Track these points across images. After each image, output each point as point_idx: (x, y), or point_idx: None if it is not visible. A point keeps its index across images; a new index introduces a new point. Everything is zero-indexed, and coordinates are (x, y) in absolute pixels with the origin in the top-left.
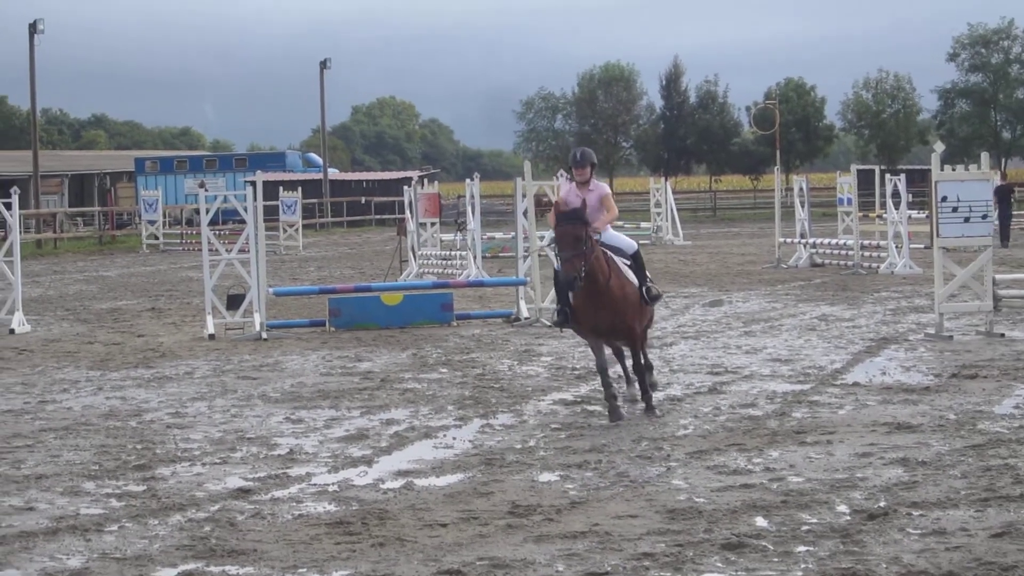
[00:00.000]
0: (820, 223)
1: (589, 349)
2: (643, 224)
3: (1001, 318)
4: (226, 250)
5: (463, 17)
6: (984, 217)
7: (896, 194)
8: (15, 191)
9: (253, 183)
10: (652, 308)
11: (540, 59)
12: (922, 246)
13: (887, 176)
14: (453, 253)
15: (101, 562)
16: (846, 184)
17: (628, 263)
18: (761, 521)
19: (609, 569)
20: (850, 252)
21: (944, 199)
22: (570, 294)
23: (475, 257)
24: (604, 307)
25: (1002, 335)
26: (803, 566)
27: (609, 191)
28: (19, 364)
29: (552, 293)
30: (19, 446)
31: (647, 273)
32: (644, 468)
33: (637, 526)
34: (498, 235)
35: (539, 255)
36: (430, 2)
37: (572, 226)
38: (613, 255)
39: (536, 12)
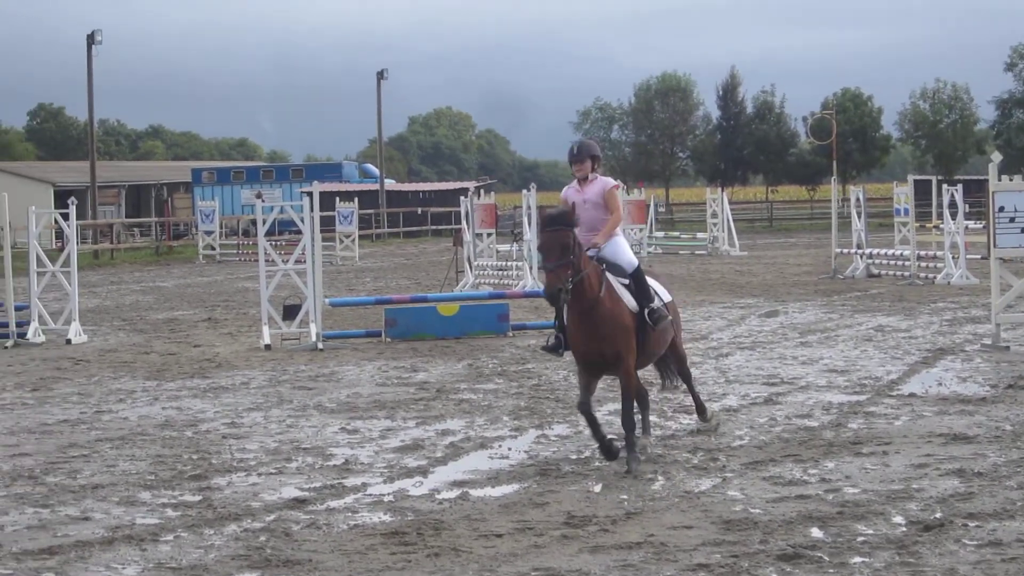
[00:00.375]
0: (877, 234)
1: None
2: (699, 234)
3: None
4: (283, 261)
5: (521, 28)
6: None
7: (953, 204)
8: (72, 201)
9: (310, 194)
10: (680, 347)
11: (595, 69)
12: (979, 256)
13: (944, 186)
14: (509, 264)
15: (157, 572)
16: (903, 195)
17: (626, 282)
18: (817, 532)
19: None
20: (906, 263)
21: (1001, 209)
22: (565, 316)
23: (531, 268)
24: (590, 331)
25: None
26: None
27: (615, 184)
28: (76, 374)
29: None
30: (75, 456)
31: (654, 292)
32: (699, 479)
33: (692, 537)
34: None
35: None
36: (486, 14)
37: (557, 232)
38: (610, 273)
39: (592, 23)
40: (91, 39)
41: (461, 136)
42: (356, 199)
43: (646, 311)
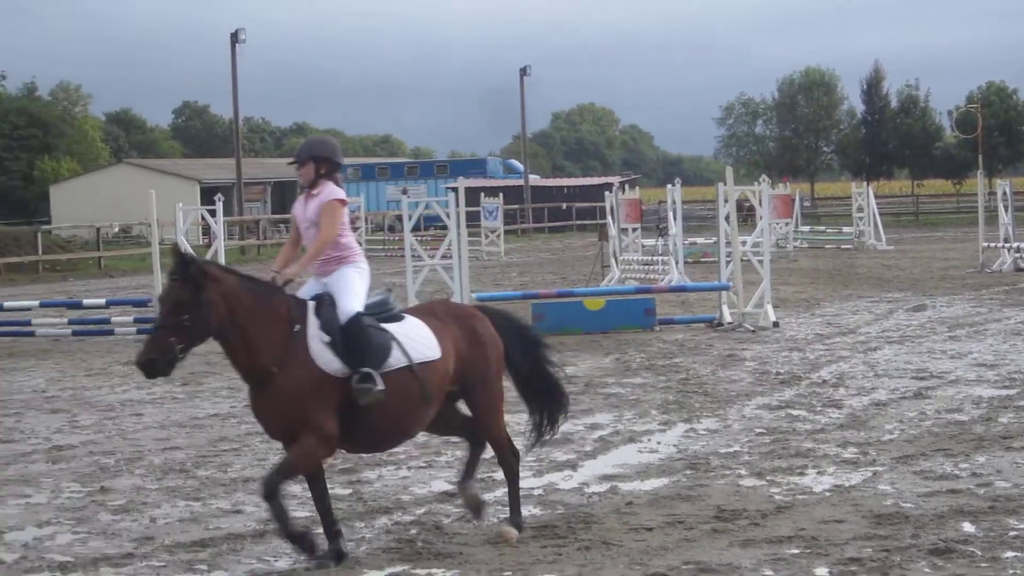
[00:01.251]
0: None
1: None
2: (845, 229)
3: None
4: (429, 256)
5: (661, 23)
6: None
7: None
8: (220, 198)
9: (455, 189)
10: (495, 428)
11: (737, 64)
12: None
13: None
14: (655, 258)
15: (307, 564)
16: None
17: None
18: (968, 527)
19: (817, 574)
20: None
21: None
22: None
23: (677, 262)
24: (263, 404)
25: None
26: (1012, 572)
27: (338, 196)
28: (225, 369)
29: (756, 297)
30: (226, 449)
31: (394, 349)
32: (850, 473)
33: (844, 531)
34: (699, 240)
35: (741, 260)
36: (628, 9)
37: (174, 283)
38: (316, 322)
39: (734, 17)
40: (235, 37)
41: (604, 131)
42: (501, 195)
43: (354, 377)
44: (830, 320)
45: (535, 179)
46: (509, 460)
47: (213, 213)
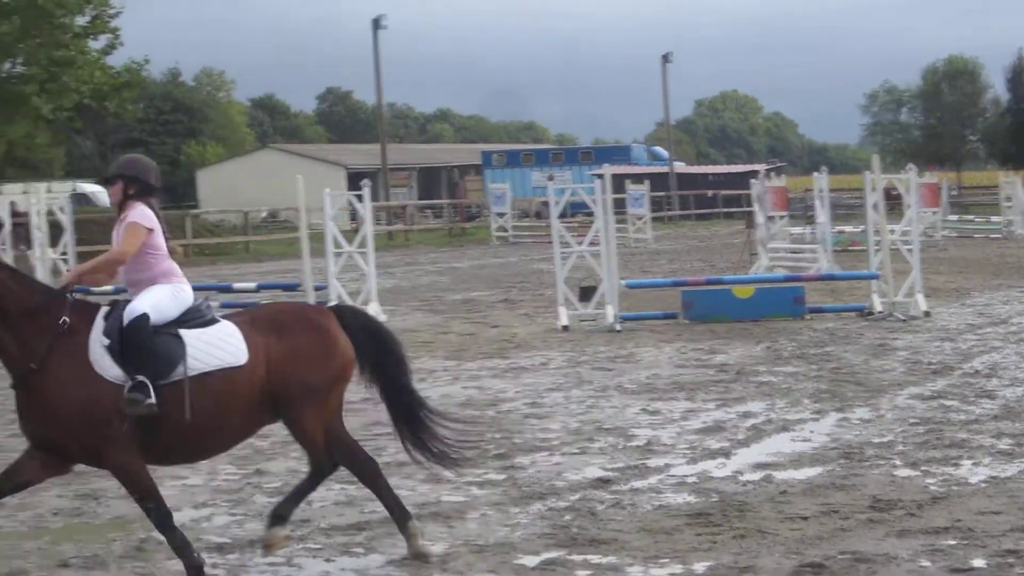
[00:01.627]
0: None
1: None
2: (993, 218)
3: None
4: (576, 242)
5: (803, 9)
6: None
7: None
8: (366, 183)
9: (601, 176)
10: (329, 436)
11: (879, 51)
12: None
13: None
14: (803, 247)
15: (464, 548)
16: None
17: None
18: None
19: (974, 566)
20: None
21: None
22: None
23: (826, 251)
24: (21, 400)
25: None
26: None
27: (138, 220)
28: None
29: (906, 286)
30: (379, 434)
31: (165, 358)
32: (1005, 464)
33: (1001, 523)
34: (847, 228)
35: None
36: None
37: None
38: (102, 325)
39: (875, 6)
40: (376, 23)
41: (747, 119)
42: (646, 181)
43: (127, 386)
44: (981, 310)
45: (680, 166)
46: (323, 469)
47: (360, 198)
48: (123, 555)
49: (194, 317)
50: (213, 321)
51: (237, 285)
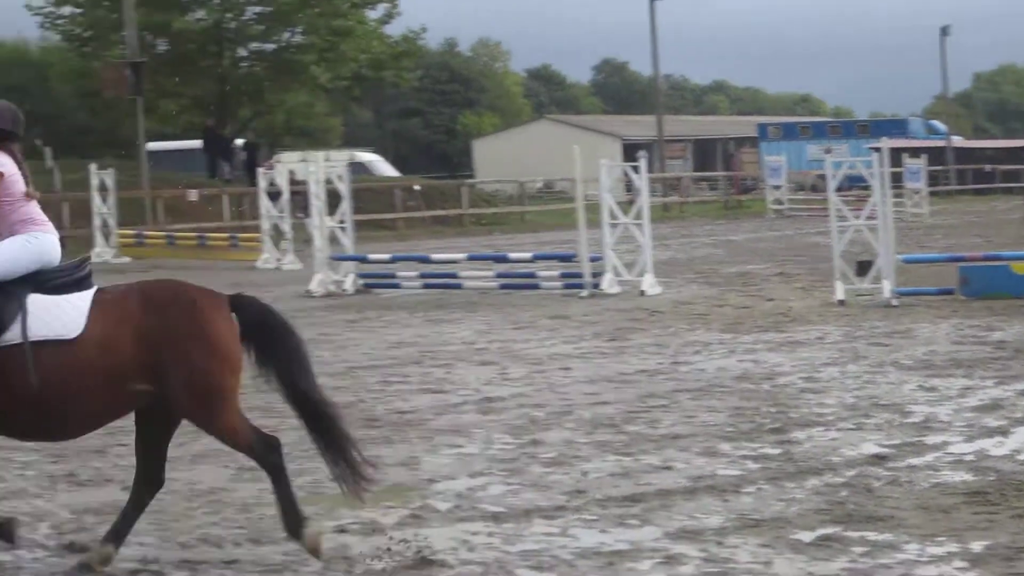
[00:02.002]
0: None
1: None
2: None
3: None
4: (853, 216)
5: None
6: None
7: None
8: (643, 154)
9: (878, 149)
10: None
11: None
12: None
13: None
14: None
15: (739, 522)
16: None
17: None
18: None
19: None
20: None
21: None
22: None
23: None
24: None
25: None
26: None
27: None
28: (651, 325)
29: None
30: (654, 406)
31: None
32: None
33: None
34: None
35: None
36: None
37: None
38: None
39: None
40: None
41: None
42: (924, 156)
43: None
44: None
45: (958, 140)
46: (262, 457)
47: (636, 169)
48: (399, 523)
49: (57, 277)
50: (82, 285)
51: (513, 255)
